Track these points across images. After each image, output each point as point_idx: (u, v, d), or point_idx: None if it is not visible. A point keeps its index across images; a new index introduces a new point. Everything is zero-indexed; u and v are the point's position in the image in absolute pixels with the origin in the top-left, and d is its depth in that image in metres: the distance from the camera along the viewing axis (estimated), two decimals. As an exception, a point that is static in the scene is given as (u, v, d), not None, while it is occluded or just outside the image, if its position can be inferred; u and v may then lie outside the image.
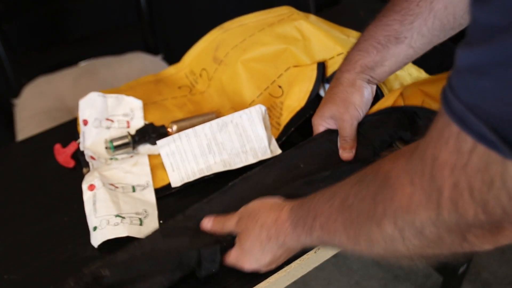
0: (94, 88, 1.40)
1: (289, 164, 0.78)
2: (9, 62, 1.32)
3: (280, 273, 0.69)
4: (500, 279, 1.52)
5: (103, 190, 0.76)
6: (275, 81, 0.91)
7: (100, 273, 0.65)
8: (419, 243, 0.46)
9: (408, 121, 0.77)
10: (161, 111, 0.94)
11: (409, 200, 0.44)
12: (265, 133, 0.83)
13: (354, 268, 1.57)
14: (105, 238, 0.72)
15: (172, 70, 1.04)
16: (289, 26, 0.94)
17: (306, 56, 0.90)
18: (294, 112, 0.86)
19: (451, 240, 0.44)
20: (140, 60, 1.50)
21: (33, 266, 0.72)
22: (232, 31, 0.99)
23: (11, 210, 0.80)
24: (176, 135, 0.82)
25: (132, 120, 0.89)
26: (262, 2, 1.34)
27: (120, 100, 0.89)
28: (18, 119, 1.36)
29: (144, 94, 0.96)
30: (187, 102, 0.97)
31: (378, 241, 0.49)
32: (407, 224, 0.46)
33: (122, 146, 0.85)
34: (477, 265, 1.55)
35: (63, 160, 0.86)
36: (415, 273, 1.55)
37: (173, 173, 0.81)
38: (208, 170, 0.81)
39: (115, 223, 0.73)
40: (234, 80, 0.94)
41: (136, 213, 0.76)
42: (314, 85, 0.85)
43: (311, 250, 0.72)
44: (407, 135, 0.78)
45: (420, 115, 0.77)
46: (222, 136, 0.82)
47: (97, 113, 0.87)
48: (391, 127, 0.77)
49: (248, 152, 0.82)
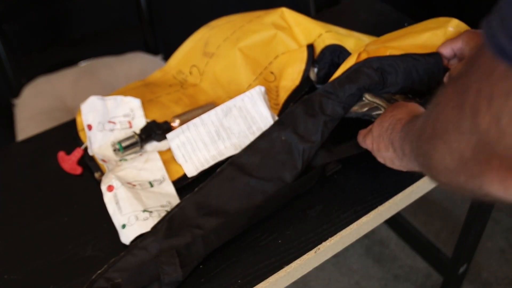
0: (94, 88, 1.41)
1: (272, 139, 0.79)
2: (9, 62, 1.32)
3: (280, 273, 0.70)
4: (500, 279, 1.52)
5: (123, 188, 0.76)
6: (266, 68, 0.94)
7: (115, 280, 0.66)
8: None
9: (376, 73, 0.77)
10: (159, 108, 0.94)
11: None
12: (268, 112, 0.84)
13: (354, 268, 1.57)
14: (137, 233, 0.72)
15: (159, 74, 1.04)
16: (275, 16, 0.97)
17: (293, 42, 0.94)
18: (291, 90, 0.89)
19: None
20: (140, 60, 1.50)
21: (33, 266, 0.72)
22: (220, 27, 1.00)
23: (11, 210, 0.80)
24: (185, 126, 0.83)
25: (133, 120, 0.89)
26: (262, 2, 1.34)
27: (119, 101, 0.89)
28: (18, 119, 1.36)
29: (137, 95, 0.96)
30: (181, 96, 0.97)
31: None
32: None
33: (130, 146, 0.85)
34: (477, 265, 1.55)
35: (69, 167, 0.85)
36: (415, 273, 1.55)
37: (186, 164, 0.83)
38: (220, 155, 0.83)
39: (145, 218, 0.73)
40: (229, 69, 0.95)
41: (161, 206, 0.76)
42: (306, 65, 0.90)
43: (311, 250, 0.72)
44: (377, 87, 0.78)
45: (387, 69, 0.77)
46: (228, 121, 0.84)
47: (100, 117, 0.87)
48: (358, 82, 0.77)
49: (255, 132, 0.84)
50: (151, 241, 0.70)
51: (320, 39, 0.91)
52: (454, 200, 1.74)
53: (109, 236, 0.75)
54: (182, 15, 1.77)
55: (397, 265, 1.57)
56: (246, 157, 0.78)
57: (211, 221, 0.72)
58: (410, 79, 0.78)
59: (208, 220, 0.73)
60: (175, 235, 0.71)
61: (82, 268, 0.71)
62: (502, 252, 1.57)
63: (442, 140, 0.46)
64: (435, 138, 0.47)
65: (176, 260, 0.66)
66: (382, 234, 1.66)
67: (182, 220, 0.73)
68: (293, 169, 0.77)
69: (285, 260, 0.71)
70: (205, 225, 0.72)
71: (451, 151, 0.45)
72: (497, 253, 1.57)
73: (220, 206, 0.74)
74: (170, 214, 0.74)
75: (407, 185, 0.80)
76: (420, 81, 0.78)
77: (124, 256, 0.69)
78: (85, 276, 0.70)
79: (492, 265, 1.55)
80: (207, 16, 1.13)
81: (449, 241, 1.61)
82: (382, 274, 1.55)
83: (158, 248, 0.69)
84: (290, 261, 0.71)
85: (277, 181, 0.77)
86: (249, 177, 0.77)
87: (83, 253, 0.73)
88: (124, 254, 0.69)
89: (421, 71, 0.78)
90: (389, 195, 0.79)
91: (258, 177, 0.77)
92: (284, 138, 0.78)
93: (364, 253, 1.61)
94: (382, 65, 0.77)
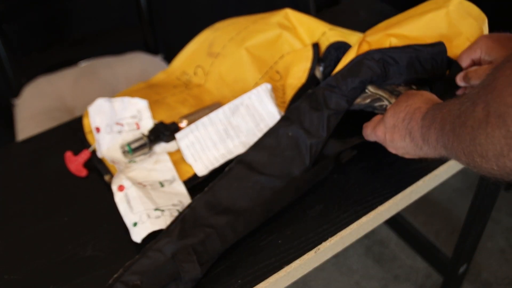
0: (94, 88, 1.41)
1: (279, 135, 0.79)
2: (9, 62, 1.32)
3: (280, 273, 0.70)
4: (500, 279, 1.52)
5: (134, 188, 0.76)
6: (272, 67, 0.94)
7: (134, 284, 0.66)
8: None
9: (378, 65, 0.77)
10: (165, 109, 0.94)
11: None
12: (276, 109, 0.84)
13: (354, 268, 1.57)
14: (148, 231, 0.72)
15: (162, 75, 1.05)
16: (280, 16, 0.98)
17: (298, 41, 0.94)
18: (297, 88, 0.89)
19: None
20: (140, 60, 1.50)
21: (33, 266, 0.72)
22: (224, 29, 1.01)
23: (11, 210, 0.80)
24: (193, 125, 0.83)
25: (141, 121, 0.89)
26: (262, 2, 1.34)
27: (126, 103, 0.89)
28: (18, 119, 1.36)
29: (142, 97, 0.96)
30: (187, 97, 0.97)
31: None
32: None
33: (139, 148, 0.85)
34: (477, 265, 1.55)
35: (75, 168, 0.85)
36: (415, 273, 1.55)
37: (196, 163, 0.83)
38: (230, 154, 0.83)
39: (157, 216, 0.73)
40: (236, 68, 0.96)
41: (173, 205, 0.76)
42: (312, 63, 0.90)
43: (311, 250, 0.72)
44: (380, 79, 0.78)
45: (389, 60, 0.77)
46: (236, 119, 0.84)
47: (107, 119, 0.87)
48: (361, 75, 0.77)
49: (263, 130, 0.84)
50: (165, 242, 0.70)
51: (324, 37, 0.92)
52: (454, 200, 1.74)
53: (109, 236, 0.75)
54: (182, 15, 1.77)
55: (397, 265, 1.57)
56: (254, 155, 0.79)
57: (223, 220, 0.72)
58: (413, 70, 0.78)
59: (220, 219, 0.72)
60: (189, 235, 0.71)
61: (82, 268, 0.71)
62: (502, 252, 1.57)
63: (497, 125, 0.46)
64: (489, 123, 0.47)
65: (193, 258, 0.66)
66: (382, 234, 1.66)
67: (194, 220, 0.72)
68: (301, 164, 0.77)
69: (285, 260, 0.71)
70: (217, 224, 0.72)
71: (509, 135, 0.45)
72: (497, 253, 1.57)
73: (231, 204, 0.74)
74: (182, 214, 0.73)
75: (407, 185, 0.80)
76: (424, 71, 0.78)
77: (139, 259, 0.69)
78: (85, 276, 0.70)
79: (492, 265, 1.55)
80: (207, 16, 1.13)
81: (449, 241, 1.61)
82: (382, 274, 1.55)
83: (172, 249, 0.69)
84: (290, 261, 0.71)
85: (286, 178, 0.77)
86: (258, 175, 0.77)
87: (83, 253, 0.73)
88: (139, 257, 0.69)
89: (424, 62, 0.77)
90: (389, 195, 0.79)
91: (267, 174, 0.77)
92: (291, 134, 0.78)
93: (364, 253, 1.61)
94: (384, 56, 0.77)
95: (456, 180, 1.81)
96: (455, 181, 1.80)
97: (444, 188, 1.78)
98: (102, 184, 0.83)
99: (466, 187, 1.79)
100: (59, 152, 0.88)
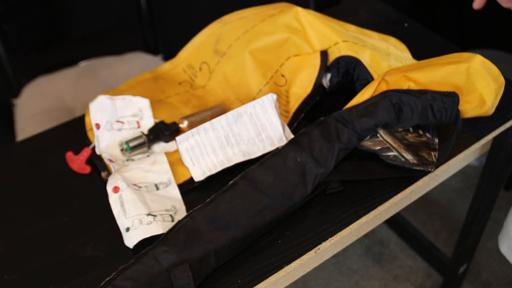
0: (94, 88, 1.41)
1: (287, 158, 0.79)
2: (9, 62, 1.32)
3: (280, 273, 0.70)
4: (500, 279, 1.52)
5: (129, 190, 0.76)
6: (278, 70, 0.93)
7: None
8: None
9: (394, 108, 0.78)
10: (168, 108, 0.94)
11: None
12: (279, 121, 0.84)
13: (354, 268, 1.57)
14: (140, 238, 0.72)
15: (168, 65, 1.04)
16: (290, 16, 0.95)
17: (307, 45, 0.92)
18: (302, 99, 0.88)
19: None
20: (140, 60, 1.50)
21: (33, 266, 0.72)
22: (232, 24, 0.99)
23: (11, 210, 0.81)
24: (195, 130, 0.83)
25: (141, 120, 0.89)
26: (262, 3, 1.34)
27: (127, 101, 0.89)
28: (18, 119, 1.36)
29: (146, 93, 0.96)
30: (191, 97, 0.97)
31: None
32: None
33: (138, 147, 0.85)
34: (477, 265, 1.55)
35: (78, 167, 0.85)
36: (415, 273, 1.55)
37: (193, 167, 0.82)
38: (228, 161, 0.82)
39: (148, 222, 0.73)
40: (240, 71, 0.95)
41: (166, 210, 0.76)
42: (318, 72, 0.88)
43: (311, 251, 0.72)
44: (393, 122, 0.79)
45: (405, 102, 0.78)
46: (238, 127, 0.83)
47: (108, 116, 0.87)
48: (376, 117, 0.79)
49: (264, 140, 0.83)
50: (162, 251, 0.70)
51: (336, 48, 0.89)
52: (454, 200, 1.74)
53: (109, 236, 0.75)
54: (182, 15, 1.77)
55: (397, 265, 1.57)
56: (260, 174, 0.78)
57: (222, 236, 0.72)
58: (424, 118, 0.79)
59: (219, 235, 0.72)
60: (188, 249, 0.71)
61: (82, 268, 0.71)
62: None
63: None
64: None
65: (189, 274, 0.66)
66: (382, 234, 1.66)
67: (193, 232, 0.72)
68: (303, 192, 0.77)
69: (285, 260, 0.71)
70: (217, 240, 0.72)
71: None
72: (497, 253, 1.57)
73: (232, 220, 0.74)
74: (181, 223, 0.73)
75: (407, 185, 0.80)
76: (434, 119, 0.79)
77: (133, 264, 0.69)
78: (85, 276, 0.70)
79: (492, 265, 1.55)
80: (207, 16, 1.13)
81: (449, 241, 1.62)
82: (382, 274, 1.55)
83: (169, 259, 0.69)
84: (290, 261, 0.71)
85: (286, 202, 0.77)
86: (262, 195, 0.76)
87: (83, 253, 0.73)
88: (133, 262, 0.69)
89: (436, 111, 0.79)
90: (389, 195, 0.79)
91: (270, 195, 0.77)
92: (299, 160, 0.78)
93: (364, 253, 1.61)
94: (400, 101, 0.78)
95: (456, 180, 1.81)
96: (455, 181, 1.80)
97: (444, 188, 1.78)
98: (102, 184, 0.83)
99: (466, 187, 1.79)
100: (59, 152, 0.88)
